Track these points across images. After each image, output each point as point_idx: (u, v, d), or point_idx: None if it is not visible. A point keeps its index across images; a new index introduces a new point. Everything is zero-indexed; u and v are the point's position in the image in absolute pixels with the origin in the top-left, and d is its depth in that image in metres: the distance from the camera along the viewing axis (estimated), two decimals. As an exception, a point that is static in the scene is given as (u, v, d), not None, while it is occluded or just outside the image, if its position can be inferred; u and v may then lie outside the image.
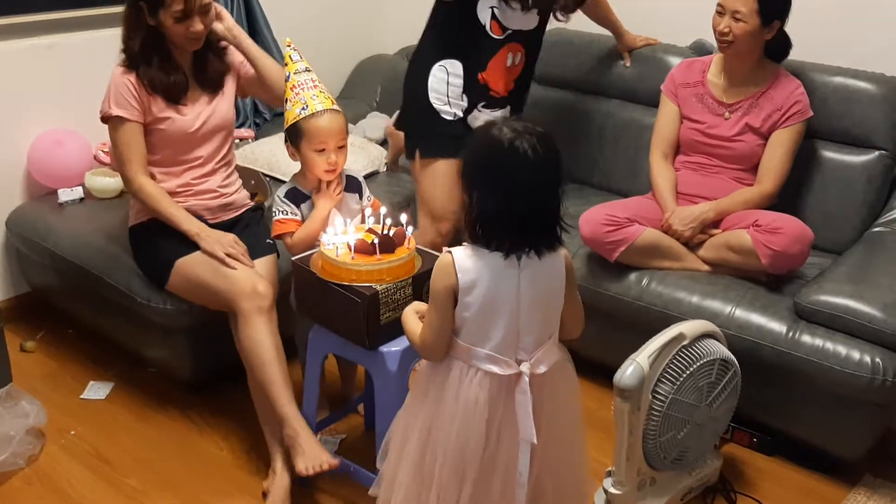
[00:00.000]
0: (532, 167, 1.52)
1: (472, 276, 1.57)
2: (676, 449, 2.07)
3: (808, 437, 2.33)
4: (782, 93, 2.53)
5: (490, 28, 2.46)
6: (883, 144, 2.59)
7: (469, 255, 1.59)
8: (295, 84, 2.19)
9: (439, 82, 2.52)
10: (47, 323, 3.01)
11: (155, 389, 2.67)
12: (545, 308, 1.65)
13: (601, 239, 2.46)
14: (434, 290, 1.61)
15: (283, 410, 2.12)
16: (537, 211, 1.56)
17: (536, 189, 1.54)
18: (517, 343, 1.63)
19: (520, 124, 1.55)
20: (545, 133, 1.55)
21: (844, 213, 2.62)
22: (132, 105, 2.26)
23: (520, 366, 1.63)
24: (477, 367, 1.63)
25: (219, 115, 2.40)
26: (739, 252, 2.40)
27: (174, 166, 2.37)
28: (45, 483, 2.29)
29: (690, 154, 2.67)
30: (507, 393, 1.64)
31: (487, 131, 1.57)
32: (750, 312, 2.31)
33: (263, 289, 2.20)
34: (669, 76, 2.72)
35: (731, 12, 2.43)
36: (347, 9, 3.80)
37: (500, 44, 2.48)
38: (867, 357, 2.13)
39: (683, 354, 2.03)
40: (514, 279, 1.59)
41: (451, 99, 2.53)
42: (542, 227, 1.58)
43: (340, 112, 2.21)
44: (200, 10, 2.22)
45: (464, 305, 1.59)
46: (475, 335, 1.62)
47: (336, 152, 2.17)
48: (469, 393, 1.63)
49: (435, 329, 1.63)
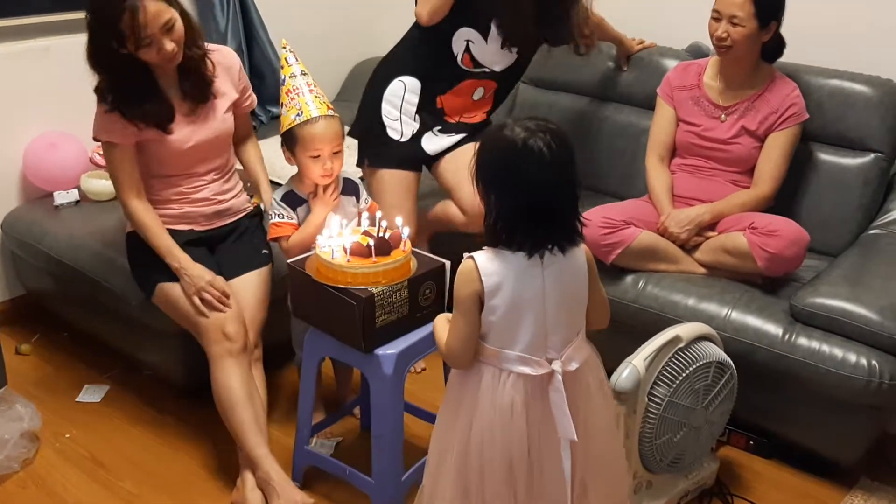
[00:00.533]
0: (548, 165, 1.52)
1: (497, 278, 1.56)
2: (673, 452, 2.07)
3: (804, 441, 2.33)
4: (778, 95, 2.53)
5: (461, 60, 2.44)
6: (878, 147, 2.59)
7: (491, 258, 1.58)
8: (290, 88, 2.18)
9: (394, 97, 2.51)
10: (42, 326, 3.00)
11: (150, 393, 2.67)
12: (571, 305, 1.65)
13: (598, 241, 2.45)
14: (459, 297, 1.60)
15: (253, 453, 2.12)
16: (555, 208, 1.55)
17: (553, 186, 1.53)
18: (546, 342, 1.62)
19: (532, 122, 1.54)
20: (558, 130, 1.54)
21: (840, 215, 2.62)
22: (119, 132, 2.21)
23: (551, 364, 1.62)
24: (509, 369, 1.61)
25: (210, 130, 2.33)
26: (735, 255, 2.40)
27: (169, 176, 2.35)
28: (39, 487, 2.28)
29: (686, 157, 2.68)
30: (542, 393, 1.62)
31: (500, 133, 1.56)
32: (746, 315, 2.31)
33: (234, 332, 2.18)
34: (665, 79, 2.72)
35: (728, 17, 2.43)
36: (344, 12, 3.80)
37: (469, 76, 2.47)
38: (863, 360, 2.13)
39: (680, 357, 2.03)
40: (538, 278, 1.58)
41: (403, 116, 2.52)
42: (562, 223, 1.57)
43: (336, 117, 2.19)
44: (164, 30, 2.10)
45: (490, 309, 1.58)
46: (503, 338, 1.61)
47: (331, 158, 2.17)
48: (504, 398, 1.61)
49: (462, 336, 1.61)
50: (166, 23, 2.11)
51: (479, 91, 2.49)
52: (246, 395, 2.17)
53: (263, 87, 3.53)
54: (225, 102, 2.37)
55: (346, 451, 2.37)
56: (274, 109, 3.59)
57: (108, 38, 2.09)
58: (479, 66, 2.44)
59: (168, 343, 2.48)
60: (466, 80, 2.48)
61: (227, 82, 2.38)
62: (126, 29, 2.06)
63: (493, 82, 2.51)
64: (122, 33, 2.07)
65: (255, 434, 2.14)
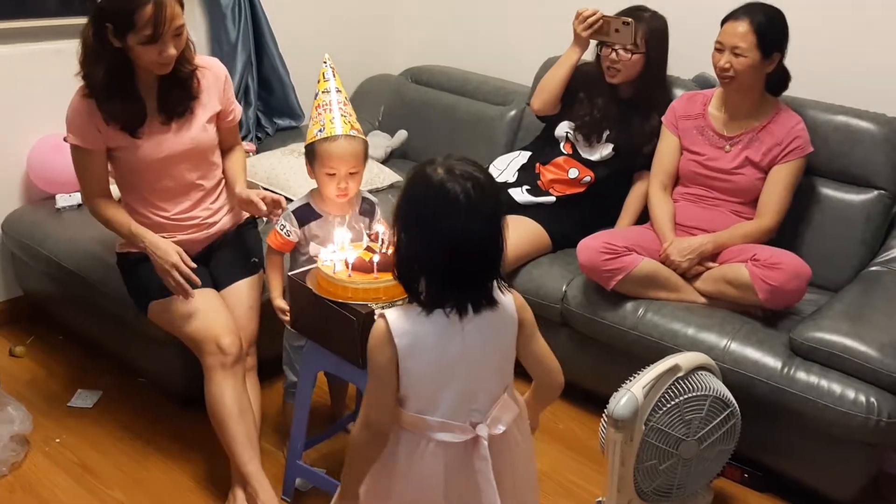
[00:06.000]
0: (461, 212, 1.38)
1: (411, 338, 1.43)
2: (658, 479, 2.05)
3: (799, 475, 2.31)
4: (783, 128, 2.54)
5: (563, 146, 2.89)
6: (883, 184, 2.59)
7: (404, 317, 1.44)
8: (319, 104, 2.15)
9: (511, 155, 3.03)
10: (38, 328, 2.99)
11: (144, 400, 2.65)
12: (497, 360, 1.52)
13: (599, 267, 2.45)
14: (373, 363, 1.47)
15: (244, 469, 2.11)
16: (465, 263, 1.41)
17: (464, 239, 1.39)
18: (470, 405, 1.49)
19: (459, 166, 1.41)
20: (485, 180, 1.41)
21: (842, 250, 2.62)
22: (89, 134, 2.19)
23: (476, 429, 1.49)
24: (429, 437, 1.49)
25: (187, 140, 2.26)
26: (737, 286, 2.40)
27: (148, 197, 2.30)
28: (27, 491, 2.26)
29: (690, 186, 2.68)
30: (465, 460, 1.51)
31: (423, 168, 1.43)
32: (745, 347, 2.30)
33: (228, 344, 2.17)
34: (671, 108, 2.73)
35: (730, 48, 2.45)
36: (355, 27, 3.83)
37: (567, 155, 2.86)
38: (862, 397, 2.12)
39: (678, 387, 2.02)
40: (458, 336, 1.45)
41: (508, 167, 2.96)
42: (474, 283, 1.44)
43: (359, 138, 2.14)
44: (174, 33, 2.08)
45: (406, 371, 1.45)
46: (423, 403, 1.48)
47: (347, 178, 2.13)
48: (423, 468, 1.49)
49: (380, 405, 1.48)
50: (178, 28, 2.10)
51: (573, 171, 2.83)
52: (238, 409, 2.15)
53: (271, 98, 3.54)
54: (206, 114, 2.30)
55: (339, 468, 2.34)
56: (280, 121, 3.60)
57: (114, 24, 2.06)
58: (576, 152, 2.85)
59: (164, 351, 2.47)
60: (563, 157, 2.87)
61: (212, 94, 2.32)
62: (141, 20, 2.03)
63: (589, 169, 2.83)
64: (132, 24, 2.03)
65: (246, 449, 2.13)
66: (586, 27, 2.74)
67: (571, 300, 2.59)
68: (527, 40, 3.51)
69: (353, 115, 2.17)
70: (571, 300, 2.59)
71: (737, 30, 2.43)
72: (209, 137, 2.33)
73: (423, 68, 3.69)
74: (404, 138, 3.57)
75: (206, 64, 2.32)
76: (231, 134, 2.45)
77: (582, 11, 2.75)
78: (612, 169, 2.84)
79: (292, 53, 3.50)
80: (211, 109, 2.31)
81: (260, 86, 3.48)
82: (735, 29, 2.44)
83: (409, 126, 3.58)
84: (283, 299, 2.18)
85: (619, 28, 2.66)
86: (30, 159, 2.93)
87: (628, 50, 2.69)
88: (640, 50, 2.69)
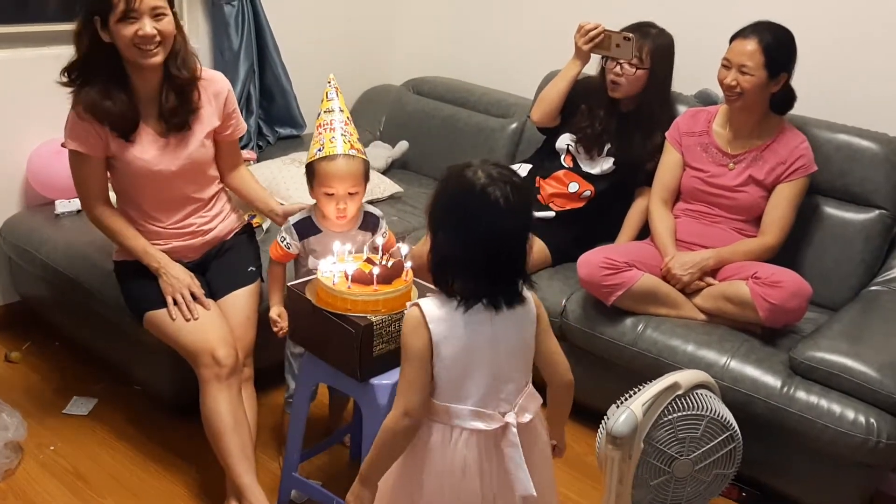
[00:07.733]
0: (501, 216, 1.46)
1: (444, 325, 1.50)
2: (649, 495, 2.03)
3: (797, 495, 2.30)
4: (787, 146, 2.54)
5: (563, 159, 2.88)
6: (883, 204, 2.59)
7: (439, 305, 1.52)
8: (321, 123, 2.14)
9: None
10: (34, 334, 2.97)
11: (139, 408, 2.63)
12: (522, 353, 1.59)
13: (599, 282, 2.44)
14: (409, 348, 1.53)
15: (239, 481, 2.10)
16: (501, 262, 1.49)
17: (502, 239, 1.48)
18: (499, 394, 1.55)
19: (496, 170, 1.49)
20: (521, 184, 1.50)
21: (842, 269, 2.61)
22: (90, 139, 2.18)
23: (504, 417, 1.55)
24: (461, 426, 1.54)
25: (180, 160, 2.25)
26: (737, 303, 2.39)
27: (149, 211, 2.30)
28: (20, 499, 2.24)
29: (692, 202, 2.68)
30: (496, 449, 1.55)
31: (462, 171, 1.50)
32: (745, 365, 2.30)
33: (223, 356, 2.15)
34: (674, 124, 2.73)
35: (737, 66, 2.45)
36: (358, 37, 3.83)
37: (567, 168, 2.85)
38: (862, 417, 2.11)
39: (676, 405, 2.00)
40: (487, 324, 1.52)
41: None
42: (507, 279, 1.52)
43: (358, 158, 2.13)
44: (151, 13, 2.06)
45: (439, 357, 1.51)
46: (454, 392, 1.53)
47: (346, 199, 2.12)
48: (455, 458, 1.54)
49: (418, 390, 1.52)
50: (156, 8, 2.08)
51: (574, 185, 2.83)
52: (233, 421, 2.14)
53: (273, 107, 3.54)
54: (203, 129, 2.29)
55: (335, 481, 2.33)
56: (282, 130, 3.60)
57: (98, 14, 2.06)
58: (577, 165, 2.85)
59: (160, 359, 2.45)
60: (563, 171, 2.87)
61: (211, 109, 2.30)
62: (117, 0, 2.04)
63: (589, 183, 2.82)
64: (110, 4, 2.04)
65: (241, 461, 2.11)
66: (587, 41, 2.74)
67: (571, 315, 2.58)
68: (528, 54, 3.52)
69: (355, 135, 2.16)
70: (571, 315, 2.58)
71: (745, 48, 2.43)
72: (206, 153, 2.32)
73: (424, 79, 3.69)
74: (405, 149, 3.56)
75: (210, 77, 2.31)
76: (232, 149, 2.41)
77: (584, 25, 2.75)
78: (612, 183, 2.84)
79: (295, 63, 3.50)
80: (209, 125, 2.30)
81: (262, 94, 3.48)
82: (743, 47, 2.44)
83: (409, 137, 3.57)
84: (280, 309, 2.17)
85: (620, 43, 2.67)
86: (29, 164, 2.92)
87: (633, 65, 2.69)
88: (645, 66, 2.70)
